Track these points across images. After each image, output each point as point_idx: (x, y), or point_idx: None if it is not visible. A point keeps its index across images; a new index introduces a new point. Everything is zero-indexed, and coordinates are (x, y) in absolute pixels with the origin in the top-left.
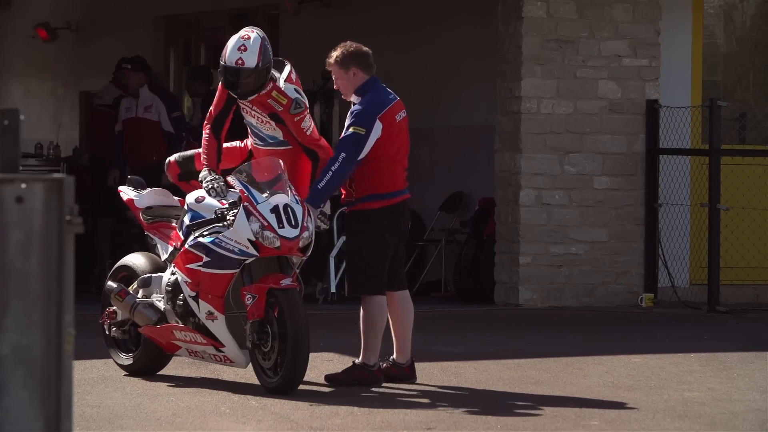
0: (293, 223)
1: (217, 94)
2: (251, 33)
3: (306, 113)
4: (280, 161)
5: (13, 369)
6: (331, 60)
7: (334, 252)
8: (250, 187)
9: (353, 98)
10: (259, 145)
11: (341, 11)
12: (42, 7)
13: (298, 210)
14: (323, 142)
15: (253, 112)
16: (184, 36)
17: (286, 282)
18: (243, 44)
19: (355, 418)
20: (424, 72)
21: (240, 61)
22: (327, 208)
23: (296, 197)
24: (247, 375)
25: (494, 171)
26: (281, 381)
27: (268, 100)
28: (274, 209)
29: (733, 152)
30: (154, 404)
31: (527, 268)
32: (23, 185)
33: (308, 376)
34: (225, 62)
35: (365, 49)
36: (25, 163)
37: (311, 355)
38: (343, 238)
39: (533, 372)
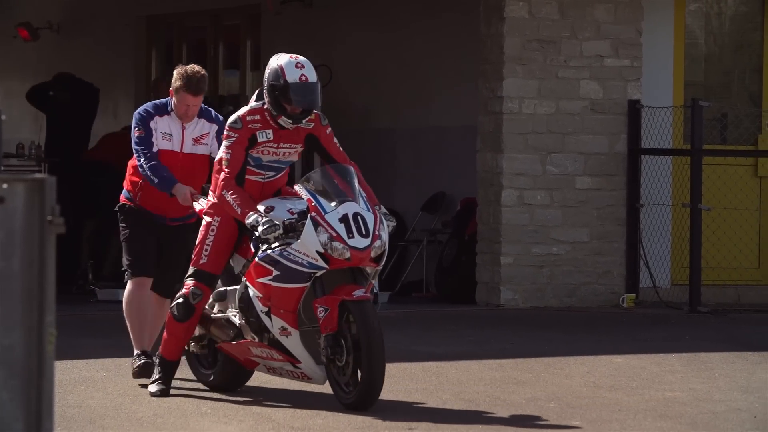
0: (364, 232)
1: (232, 154)
2: (291, 55)
3: None
4: (351, 167)
5: None
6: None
7: None
8: (317, 196)
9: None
10: (259, 179)
11: (323, 11)
12: (23, 6)
13: (370, 218)
14: None
15: (279, 149)
16: (166, 36)
17: (358, 293)
18: (298, 62)
19: (337, 419)
20: (406, 72)
21: (303, 77)
22: (383, 209)
23: (368, 204)
24: None
25: (476, 171)
26: (358, 396)
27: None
28: (344, 218)
29: (715, 152)
30: (135, 404)
31: (509, 269)
32: (5, 185)
33: None
34: (287, 80)
35: None
36: (6, 163)
37: None
38: None
39: (515, 372)
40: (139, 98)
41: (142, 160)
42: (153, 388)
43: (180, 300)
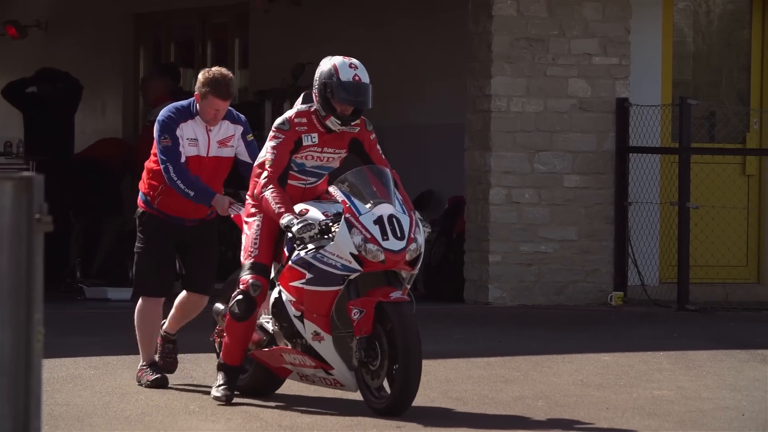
0: (399, 234)
1: (277, 155)
2: (344, 56)
3: None
4: (387, 169)
5: None
6: None
7: None
8: (352, 197)
9: None
10: (301, 184)
11: (311, 9)
12: (11, 4)
13: (405, 221)
14: None
15: (323, 153)
16: (154, 34)
17: (396, 295)
18: (351, 63)
19: (325, 417)
20: (394, 70)
21: (357, 77)
22: (418, 215)
23: (403, 207)
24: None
25: (464, 169)
26: (391, 402)
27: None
28: (378, 220)
29: (703, 151)
30: (123, 403)
31: (497, 267)
32: None
33: None
34: (340, 79)
35: None
36: None
37: None
38: None
39: (503, 370)
40: (127, 97)
41: (172, 172)
42: (218, 393)
43: (239, 297)
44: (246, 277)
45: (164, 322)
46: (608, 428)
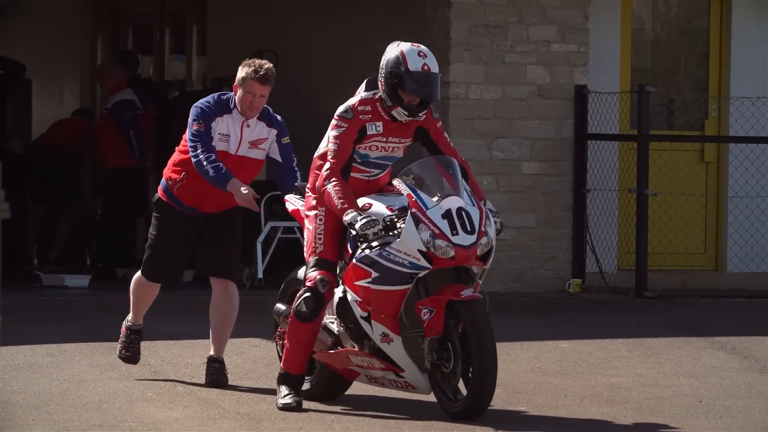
0: (469, 228)
1: (340, 145)
2: (413, 43)
3: None
4: (454, 159)
5: None
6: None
7: (261, 237)
8: (418, 191)
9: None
10: (365, 177)
11: None
12: None
13: (475, 213)
14: None
15: (387, 144)
16: (112, 21)
17: (467, 293)
18: (420, 50)
19: None
20: (351, 56)
21: (426, 67)
22: (490, 204)
23: (472, 199)
24: (175, 360)
25: (423, 156)
26: (466, 405)
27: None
28: (446, 214)
29: (662, 138)
30: (80, 390)
31: None
32: None
33: (236, 361)
34: (408, 68)
35: None
36: None
37: (238, 340)
38: (270, 224)
39: None
40: (84, 84)
41: (199, 151)
42: (284, 401)
43: (307, 294)
44: (312, 273)
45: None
46: (566, 415)
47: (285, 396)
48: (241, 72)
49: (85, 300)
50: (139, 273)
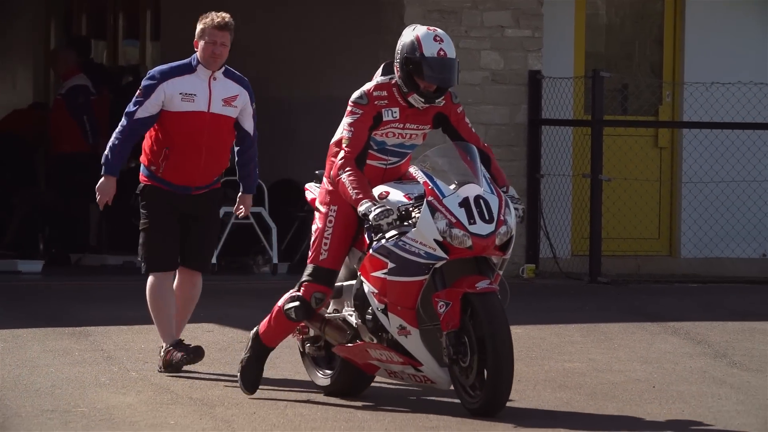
0: (487, 217)
1: (354, 132)
2: (429, 27)
3: None
4: (473, 145)
5: None
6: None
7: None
8: (435, 178)
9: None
10: (381, 165)
11: None
12: None
13: (494, 201)
14: None
15: (404, 130)
16: (65, 6)
17: (482, 284)
18: (437, 35)
19: (236, 390)
20: (305, 41)
21: (442, 52)
22: (512, 191)
23: (491, 186)
24: (128, 345)
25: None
26: (483, 401)
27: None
28: (464, 202)
29: (616, 123)
30: (33, 376)
31: None
32: None
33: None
34: (423, 54)
35: None
36: None
37: (192, 325)
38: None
39: None
40: (37, 69)
41: (119, 127)
42: (241, 379)
43: (297, 303)
44: (308, 283)
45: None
46: (519, 401)
47: (243, 360)
48: (200, 24)
49: (38, 285)
50: (150, 280)
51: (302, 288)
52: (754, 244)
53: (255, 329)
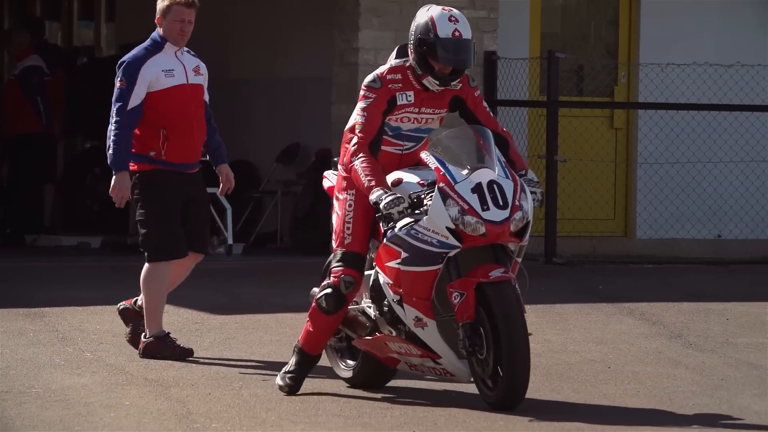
0: (501, 203)
1: (368, 117)
2: (444, 7)
3: None
4: (487, 129)
5: None
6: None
7: None
8: (446, 164)
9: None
10: (397, 150)
11: None
12: None
13: (508, 186)
14: None
15: (420, 114)
16: None
17: (495, 273)
18: (452, 15)
19: (191, 370)
20: (260, 22)
21: (457, 33)
22: (531, 174)
23: (506, 170)
24: (82, 326)
25: (331, 123)
26: (500, 394)
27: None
28: (477, 188)
29: (571, 104)
30: None
31: None
32: None
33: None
34: (438, 35)
35: None
36: None
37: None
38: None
39: None
40: None
41: (114, 122)
42: (282, 381)
43: (329, 290)
44: (338, 269)
45: (137, 298)
46: (471, 382)
47: (287, 374)
48: (165, 1)
49: None
50: (153, 267)
51: (332, 275)
52: (709, 225)
53: (296, 343)
